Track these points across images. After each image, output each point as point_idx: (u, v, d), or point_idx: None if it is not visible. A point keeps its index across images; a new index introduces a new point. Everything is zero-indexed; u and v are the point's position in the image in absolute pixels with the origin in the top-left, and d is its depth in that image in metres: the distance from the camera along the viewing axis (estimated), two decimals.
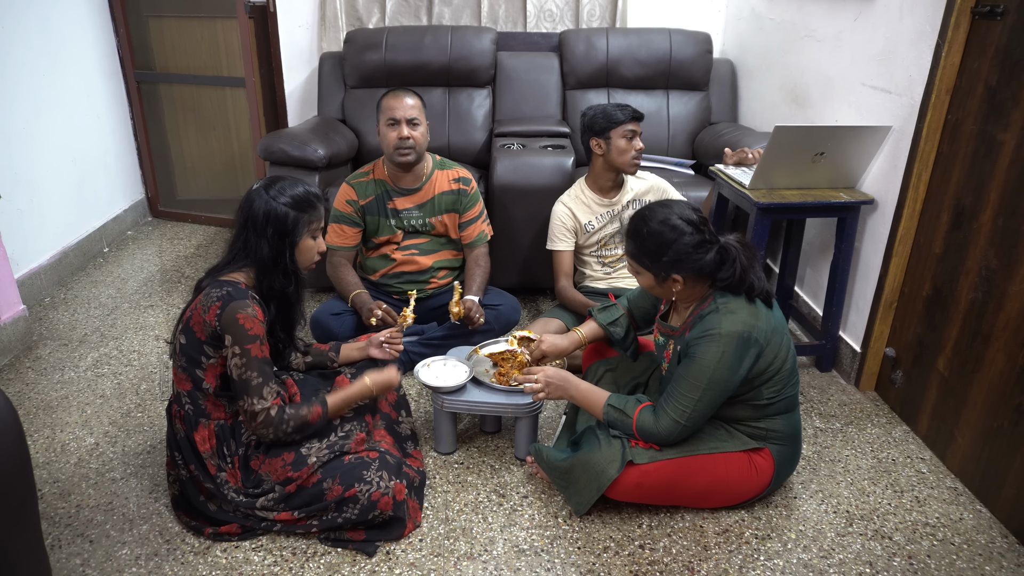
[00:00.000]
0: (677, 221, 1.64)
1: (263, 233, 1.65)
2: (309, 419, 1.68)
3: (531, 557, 1.69)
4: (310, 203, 1.70)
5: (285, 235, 1.66)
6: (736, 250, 1.66)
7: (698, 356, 1.63)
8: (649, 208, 1.71)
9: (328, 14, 3.48)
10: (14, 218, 2.82)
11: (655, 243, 1.65)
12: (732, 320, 1.62)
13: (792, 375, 1.73)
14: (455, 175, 2.48)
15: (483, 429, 2.15)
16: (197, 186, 3.96)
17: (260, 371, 1.62)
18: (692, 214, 1.67)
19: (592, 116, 2.45)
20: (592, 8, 3.53)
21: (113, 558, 1.67)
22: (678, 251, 1.63)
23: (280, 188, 1.68)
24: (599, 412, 1.77)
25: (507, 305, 2.51)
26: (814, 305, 2.70)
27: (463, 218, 2.50)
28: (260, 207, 1.65)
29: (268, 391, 1.63)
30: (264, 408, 1.63)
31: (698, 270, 1.65)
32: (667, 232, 1.64)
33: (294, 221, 1.67)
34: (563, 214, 2.53)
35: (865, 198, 2.28)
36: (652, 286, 1.73)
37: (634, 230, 1.70)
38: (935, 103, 2.01)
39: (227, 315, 1.59)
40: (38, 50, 3.00)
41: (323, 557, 1.67)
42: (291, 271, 1.70)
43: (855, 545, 1.75)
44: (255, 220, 1.65)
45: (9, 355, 2.52)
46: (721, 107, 3.40)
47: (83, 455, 2.03)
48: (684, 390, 1.65)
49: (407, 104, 2.31)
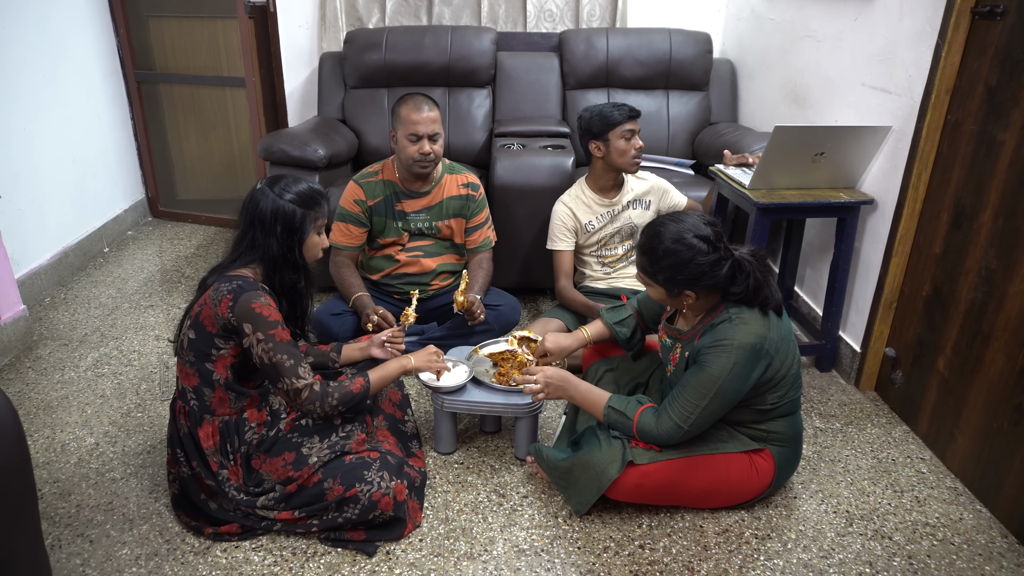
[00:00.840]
0: (692, 240, 1.60)
1: (272, 231, 1.67)
2: (353, 390, 1.71)
3: (531, 557, 1.69)
4: (315, 200, 1.72)
5: (294, 232, 1.69)
6: (751, 264, 1.63)
7: (708, 365, 1.62)
8: (662, 223, 1.67)
9: (328, 14, 3.48)
10: (14, 218, 2.82)
11: (670, 262, 1.62)
12: (745, 331, 1.60)
13: (796, 380, 1.72)
14: (464, 180, 2.48)
15: (483, 429, 2.15)
16: (197, 186, 3.96)
17: (289, 352, 1.64)
18: (706, 229, 1.62)
19: (589, 119, 2.43)
20: (592, 8, 3.53)
21: (113, 558, 1.67)
22: (693, 270, 1.60)
23: (285, 186, 1.70)
24: (599, 413, 1.77)
25: (507, 305, 2.51)
26: (814, 305, 2.70)
27: (470, 223, 2.50)
28: (267, 205, 1.67)
29: (304, 369, 1.65)
30: (307, 384, 1.65)
31: (711, 286, 1.64)
32: (683, 252, 1.60)
33: (302, 218, 1.69)
34: (563, 214, 2.53)
35: (865, 198, 2.28)
36: (662, 298, 1.72)
37: (648, 247, 1.66)
38: (935, 103, 2.01)
39: (241, 305, 1.60)
40: (38, 50, 3.00)
41: (323, 557, 1.67)
42: (300, 266, 1.73)
43: (855, 545, 1.75)
44: (263, 218, 1.67)
45: (9, 355, 2.52)
46: (721, 107, 3.40)
47: (83, 455, 2.03)
48: (690, 396, 1.64)
49: (429, 119, 2.28)
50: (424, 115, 2.28)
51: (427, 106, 2.30)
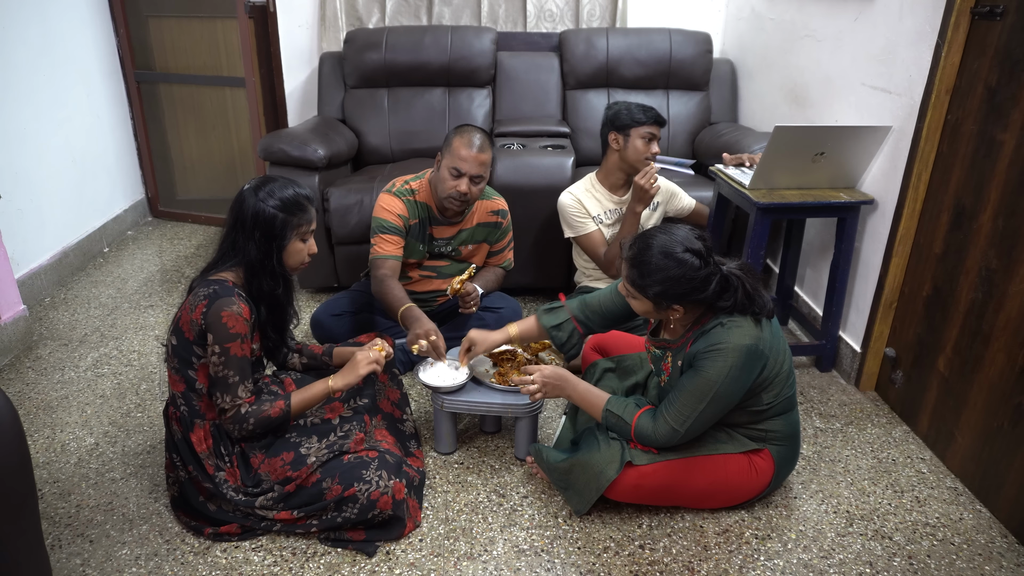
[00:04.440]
0: (682, 254, 1.59)
1: (251, 235, 1.65)
2: (272, 415, 1.68)
3: (531, 557, 1.69)
4: (300, 206, 1.69)
5: (272, 238, 1.66)
6: (738, 279, 1.63)
7: (705, 369, 1.61)
8: (652, 236, 1.64)
9: (328, 14, 3.48)
10: (14, 218, 2.82)
11: (659, 277, 1.60)
12: (740, 333, 1.60)
13: (789, 377, 1.72)
14: (494, 207, 2.44)
15: (483, 429, 2.15)
16: (197, 186, 3.96)
17: (238, 369, 1.63)
18: (696, 243, 1.61)
19: (617, 110, 2.45)
20: (592, 8, 3.53)
21: (113, 558, 1.67)
22: (684, 285, 1.59)
23: (270, 190, 1.67)
24: (598, 414, 1.77)
25: (508, 308, 2.51)
26: (814, 305, 2.70)
27: (493, 248, 2.50)
28: (249, 208, 1.65)
29: (243, 389, 1.64)
30: (236, 405, 1.64)
31: (699, 302, 1.63)
32: (672, 267, 1.58)
33: (282, 224, 1.66)
34: (573, 201, 2.50)
35: (865, 198, 2.28)
36: (648, 311, 1.70)
37: (638, 259, 1.63)
38: (935, 103, 2.01)
39: (212, 313, 1.59)
40: (38, 50, 3.00)
41: (323, 557, 1.67)
42: (279, 273, 1.70)
43: (855, 545, 1.75)
44: (243, 221, 1.65)
45: (9, 355, 2.52)
46: (721, 107, 3.40)
47: (83, 455, 2.03)
48: (687, 400, 1.64)
49: (478, 160, 2.21)
50: (474, 154, 2.20)
51: (480, 144, 2.22)
